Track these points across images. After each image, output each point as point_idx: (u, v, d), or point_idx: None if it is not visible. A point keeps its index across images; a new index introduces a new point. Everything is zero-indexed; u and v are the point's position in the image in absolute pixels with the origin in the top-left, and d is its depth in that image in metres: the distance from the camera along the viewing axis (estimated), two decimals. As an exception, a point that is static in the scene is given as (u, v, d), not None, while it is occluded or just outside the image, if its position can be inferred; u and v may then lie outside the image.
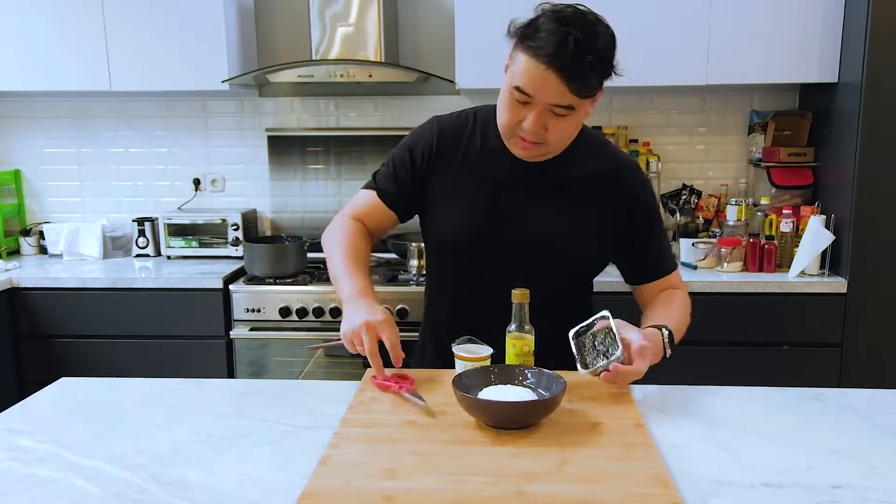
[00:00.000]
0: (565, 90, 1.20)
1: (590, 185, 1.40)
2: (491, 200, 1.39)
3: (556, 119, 1.26)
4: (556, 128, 1.27)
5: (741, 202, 2.69)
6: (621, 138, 2.93)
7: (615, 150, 1.48)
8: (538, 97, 1.23)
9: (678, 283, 1.51)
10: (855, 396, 1.31)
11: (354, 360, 2.62)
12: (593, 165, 1.41)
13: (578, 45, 1.17)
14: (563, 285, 1.44)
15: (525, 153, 1.33)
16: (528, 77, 1.21)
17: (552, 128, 1.27)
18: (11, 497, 0.96)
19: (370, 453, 1.05)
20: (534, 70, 1.20)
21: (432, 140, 1.42)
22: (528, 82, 1.22)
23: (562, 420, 1.15)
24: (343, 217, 1.51)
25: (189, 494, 0.96)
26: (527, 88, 1.22)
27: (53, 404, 1.30)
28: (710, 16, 2.57)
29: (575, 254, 1.41)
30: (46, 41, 2.73)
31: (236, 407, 1.27)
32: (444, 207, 1.42)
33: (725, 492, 0.96)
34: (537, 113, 1.25)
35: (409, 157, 1.43)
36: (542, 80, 1.20)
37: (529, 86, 1.22)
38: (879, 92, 2.38)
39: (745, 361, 2.49)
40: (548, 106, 1.23)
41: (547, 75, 1.19)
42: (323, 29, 2.69)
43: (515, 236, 1.39)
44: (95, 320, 2.62)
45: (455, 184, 1.41)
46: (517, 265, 1.38)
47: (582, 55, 1.18)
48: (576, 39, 1.17)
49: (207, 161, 3.15)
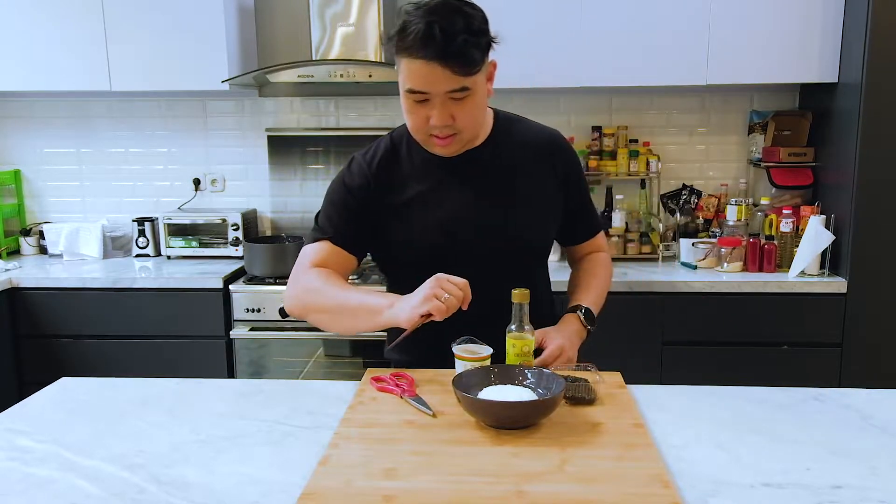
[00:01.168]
0: (450, 74, 1.24)
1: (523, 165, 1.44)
2: (438, 208, 1.40)
3: (459, 104, 1.29)
4: (462, 113, 1.30)
5: (741, 202, 2.69)
6: (621, 138, 2.93)
7: (532, 123, 1.52)
8: (432, 89, 1.26)
9: (603, 243, 1.64)
10: (855, 396, 1.31)
11: (354, 360, 2.63)
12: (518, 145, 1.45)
13: (444, 29, 1.21)
14: (524, 270, 1.46)
15: (445, 149, 1.36)
16: (414, 76, 1.25)
17: (458, 114, 1.30)
18: (11, 497, 0.96)
19: (370, 453, 1.04)
20: (416, 67, 1.24)
21: (364, 172, 1.43)
22: (416, 80, 1.26)
23: (562, 420, 1.15)
24: (303, 269, 1.41)
25: (189, 494, 0.96)
26: (418, 86, 1.26)
27: (53, 404, 1.30)
28: (710, 16, 2.58)
29: (529, 237, 1.45)
30: (46, 41, 2.73)
31: (236, 407, 1.27)
32: (395, 227, 1.42)
33: (725, 492, 0.96)
34: (439, 105, 1.28)
35: (349, 196, 1.42)
36: (427, 73, 1.24)
37: (419, 83, 1.26)
38: (879, 92, 2.38)
39: (745, 361, 2.49)
40: (445, 95, 1.27)
41: (429, 67, 1.23)
42: (323, 29, 2.70)
43: (469, 236, 1.40)
44: (95, 320, 2.62)
45: (400, 203, 1.42)
46: (478, 263, 1.38)
47: (451, 35, 1.21)
48: (440, 26, 1.21)
49: (207, 161, 3.15)
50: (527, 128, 1.50)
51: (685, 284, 2.48)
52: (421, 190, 1.42)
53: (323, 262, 1.41)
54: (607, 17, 2.60)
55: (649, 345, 2.49)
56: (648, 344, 2.49)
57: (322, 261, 1.41)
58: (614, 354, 1.66)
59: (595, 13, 2.60)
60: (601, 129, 2.95)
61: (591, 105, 3.01)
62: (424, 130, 1.33)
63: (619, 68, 2.61)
